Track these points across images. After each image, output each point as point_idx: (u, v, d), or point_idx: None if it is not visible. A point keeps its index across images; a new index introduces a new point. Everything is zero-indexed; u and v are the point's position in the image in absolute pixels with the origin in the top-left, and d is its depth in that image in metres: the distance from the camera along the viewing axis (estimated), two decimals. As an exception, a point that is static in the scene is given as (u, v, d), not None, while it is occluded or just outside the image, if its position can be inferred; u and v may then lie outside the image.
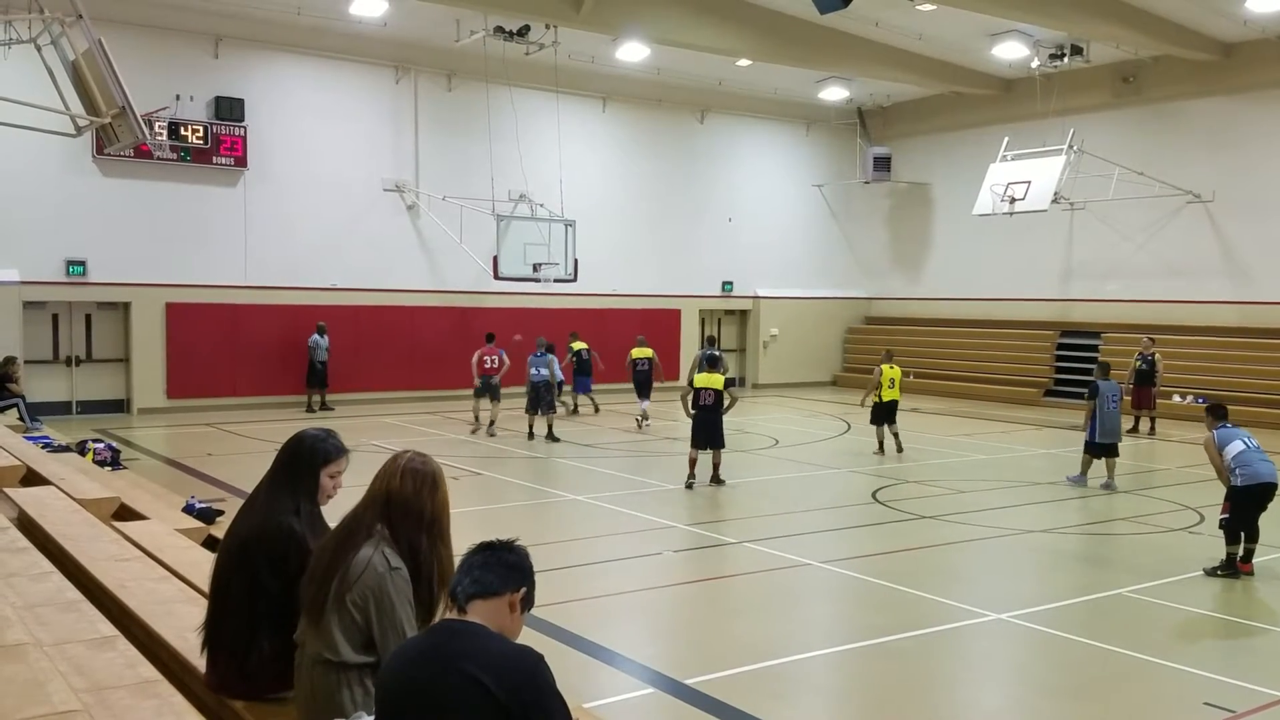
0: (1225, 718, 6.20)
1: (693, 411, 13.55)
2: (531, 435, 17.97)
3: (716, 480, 13.49)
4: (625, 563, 10.01)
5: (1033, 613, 8.29)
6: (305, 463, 4.21)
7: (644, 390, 20.57)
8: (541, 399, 17.94)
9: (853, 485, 14.26)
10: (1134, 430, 20.15)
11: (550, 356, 18.44)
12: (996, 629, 7.99)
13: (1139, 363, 19.97)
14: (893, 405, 16.87)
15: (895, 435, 16.87)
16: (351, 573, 3.64)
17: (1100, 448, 13.95)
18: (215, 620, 4.17)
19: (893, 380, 16.85)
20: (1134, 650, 7.43)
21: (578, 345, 21.81)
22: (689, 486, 13.27)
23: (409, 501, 3.72)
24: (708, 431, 13.37)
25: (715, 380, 13.48)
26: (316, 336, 21.47)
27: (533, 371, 18.08)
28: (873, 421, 16.97)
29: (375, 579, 3.63)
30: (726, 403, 13.63)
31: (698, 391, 13.46)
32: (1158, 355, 20.09)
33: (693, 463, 13.39)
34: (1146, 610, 8.53)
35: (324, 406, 21.64)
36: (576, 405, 22.12)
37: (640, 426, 19.58)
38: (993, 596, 8.80)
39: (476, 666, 2.81)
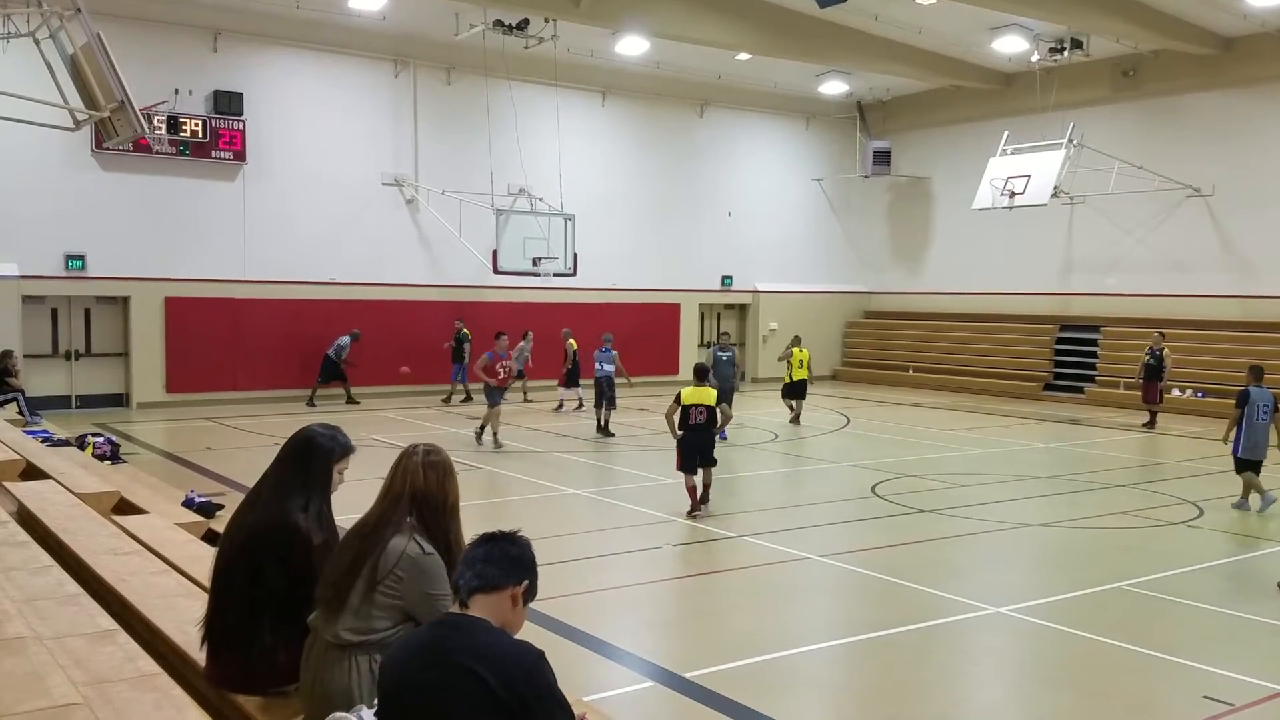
0: (1224, 711, 6.21)
1: (679, 432, 11.56)
2: (601, 429, 18.12)
3: (704, 499, 11.66)
4: (625, 556, 10.02)
5: (1031, 606, 8.30)
6: (320, 458, 4.25)
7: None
8: (604, 393, 18.19)
9: (852, 479, 14.26)
10: (1151, 424, 20.11)
11: (613, 352, 18.55)
12: (996, 623, 8.00)
13: (1148, 357, 19.96)
14: (801, 384, 19.44)
15: (799, 412, 19.43)
16: (385, 562, 3.76)
17: (1241, 463, 12.14)
18: (216, 614, 4.18)
19: (801, 361, 19.36)
20: (1133, 644, 7.43)
21: (466, 331, 22.57)
22: (693, 516, 11.33)
23: (433, 494, 3.89)
24: (701, 452, 11.50)
25: (707, 395, 11.55)
26: (347, 338, 21.74)
27: (598, 366, 18.36)
28: (783, 396, 19.81)
29: (411, 565, 3.75)
30: (720, 420, 11.85)
31: (687, 409, 11.47)
32: (1167, 350, 20.05)
33: (692, 491, 11.49)
34: (1145, 604, 8.54)
35: (349, 400, 21.96)
36: (468, 392, 22.56)
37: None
38: (992, 590, 8.81)
39: (477, 661, 2.82)
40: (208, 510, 9.61)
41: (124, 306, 21.00)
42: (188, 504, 9.69)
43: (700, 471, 11.56)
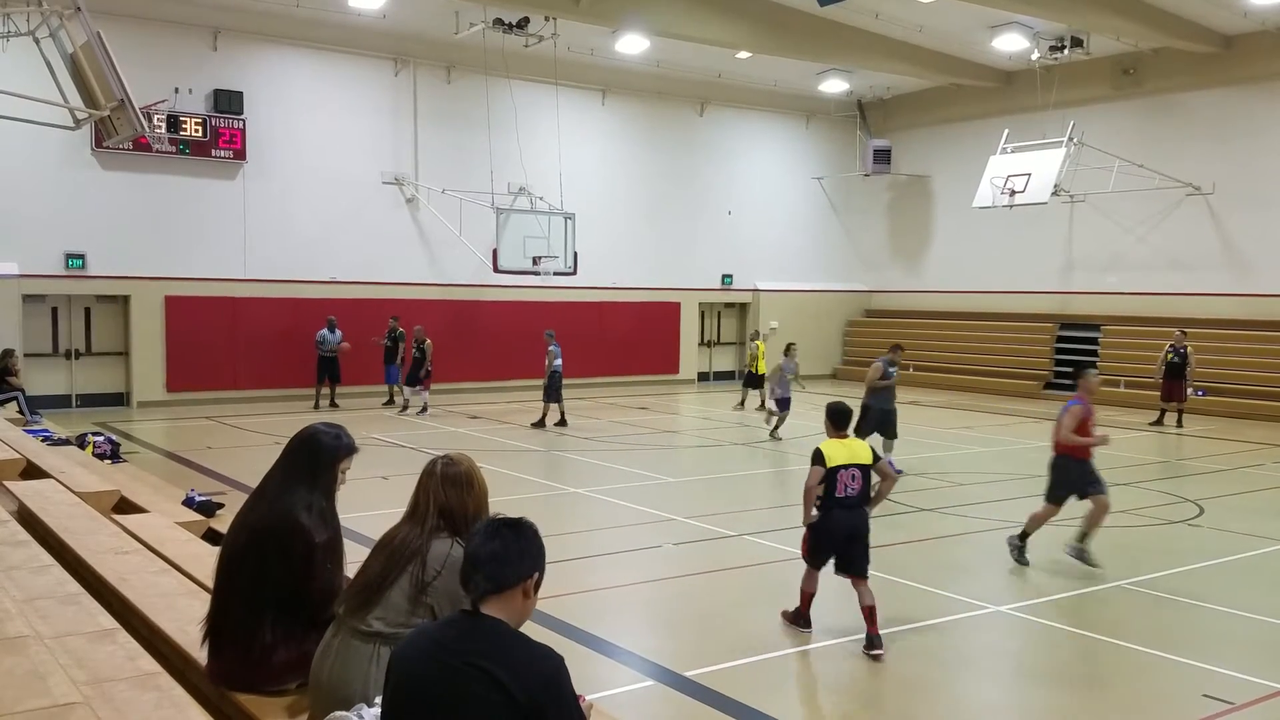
0: (1224, 710, 6.21)
1: (816, 513, 7.45)
2: (546, 423, 18.55)
3: (873, 646, 7.08)
4: (625, 555, 10.02)
5: (1032, 605, 8.30)
6: (324, 458, 4.28)
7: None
8: (559, 388, 18.64)
9: (852, 478, 14.24)
10: (1159, 423, 20.10)
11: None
12: (996, 621, 8.00)
13: (1171, 355, 19.88)
14: (760, 375, 21.23)
15: (762, 399, 20.76)
16: (432, 562, 3.85)
17: None
18: (220, 609, 4.20)
19: (763, 354, 21.47)
20: (1133, 643, 7.44)
21: (402, 330, 21.58)
22: (798, 623, 7.64)
23: (455, 508, 3.99)
24: (853, 544, 7.37)
25: (860, 452, 7.46)
26: (325, 331, 21.11)
27: (560, 363, 18.68)
28: (745, 385, 21.85)
29: (454, 565, 3.78)
30: (878, 489, 7.59)
31: (833, 475, 7.33)
32: (1190, 348, 20.01)
33: (809, 598, 7.64)
34: (1145, 603, 8.54)
35: (332, 404, 21.08)
36: (392, 394, 21.74)
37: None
38: (992, 589, 8.81)
39: (496, 664, 2.81)
40: (208, 509, 9.60)
41: (124, 305, 20.99)
42: (188, 503, 9.68)
43: (850, 578, 7.42)
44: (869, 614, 7.21)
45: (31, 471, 9.33)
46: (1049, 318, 26.44)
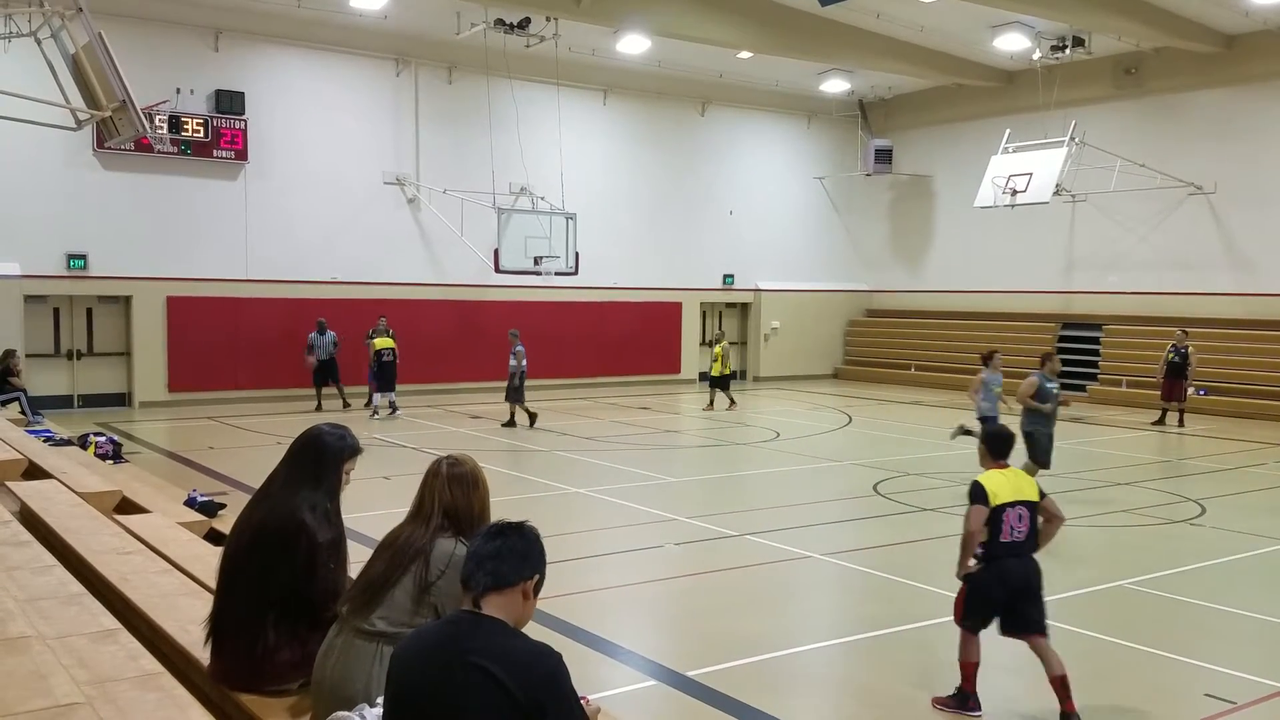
0: (1226, 709, 6.21)
1: (976, 562, 6.22)
2: (515, 423, 18.51)
3: (1068, 713, 5.90)
4: (626, 555, 10.02)
5: (1034, 605, 8.28)
6: (329, 458, 4.29)
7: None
8: (521, 387, 18.52)
9: (854, 478, 14.27)
10: (1160, 423, 20.10)
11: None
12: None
13: (1171, 355, 19.87)
14: (726, 377, 21.99)
15: (729, 398, 21.80)
16: (436, 561, 3.85)
17: None
18: (223, 608, 4.21)
19: (724, 356, 22.09)
20: (1135, 642, 7.43)
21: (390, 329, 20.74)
22: (964, 707, 6.23)
23: (460, 507, 4.01)
24: (1024, 598, 6.18)
25: (1026, 485, 6.24)
26: (314, 334, 20.85)
27: (525, 363, 18.64)
28: (711, 386, 22.07)
29: (458, 564, 3.78)
30: (1045, 529, 6.31)
31: (997, 515, 6.07)
32: (1191, 348, 20.01)
33: (973, 670, 6.29)
34: (1147, 602, 8.54)
35: (344, 404, 20.75)
36: (383, 405, 20.14)
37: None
38: (994, 589, 8.78)
39: (494, 662, 2.81)
40: (210, 509, 9.61)
41: (126, 306, 21.01)
42: (190, 503, 9.69)
43: (1025, 639, 6.20)
44: (1061, 685, 5.94)
45: (33, 472, 9.33)
46: (1051, 317, 26.42)
